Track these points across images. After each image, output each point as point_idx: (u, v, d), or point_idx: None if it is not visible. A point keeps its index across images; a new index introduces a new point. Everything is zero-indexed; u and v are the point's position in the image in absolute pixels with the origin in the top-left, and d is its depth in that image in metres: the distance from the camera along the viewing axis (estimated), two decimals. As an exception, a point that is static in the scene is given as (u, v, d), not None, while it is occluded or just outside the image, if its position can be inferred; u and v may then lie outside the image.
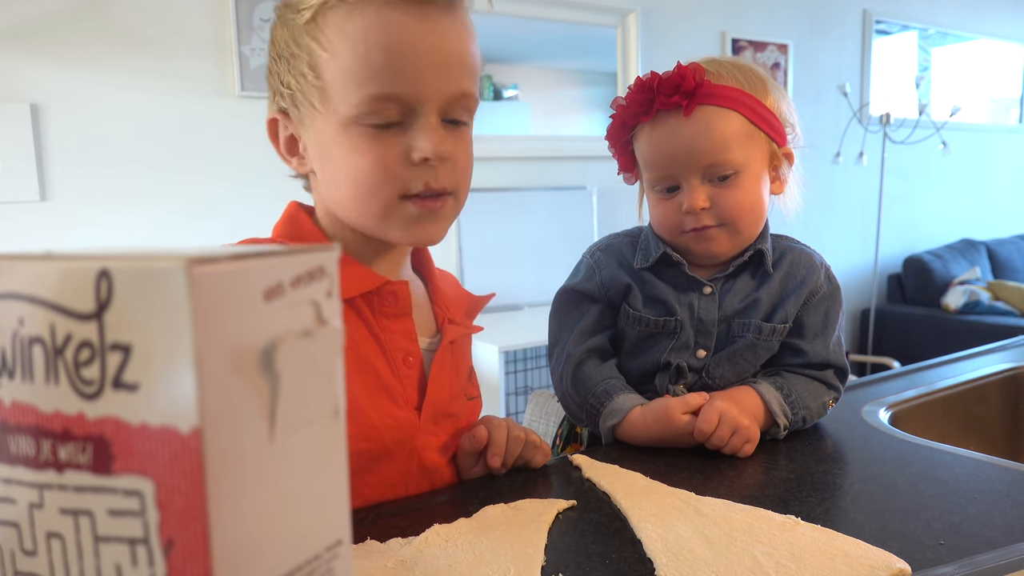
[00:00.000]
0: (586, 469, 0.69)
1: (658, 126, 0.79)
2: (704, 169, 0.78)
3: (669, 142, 0.79)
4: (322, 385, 0.30)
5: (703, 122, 0.77)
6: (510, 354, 2.25)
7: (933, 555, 0.52)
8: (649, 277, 0.84)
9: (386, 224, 0.62)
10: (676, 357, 0.82)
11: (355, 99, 0.58)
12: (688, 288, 0.83)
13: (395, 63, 0.58)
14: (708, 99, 0.77)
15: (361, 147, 0.60)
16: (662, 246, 0.83)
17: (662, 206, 0.82)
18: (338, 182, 0.62)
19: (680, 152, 0.78)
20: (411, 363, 0.67)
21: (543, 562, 0.52)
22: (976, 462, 0.70)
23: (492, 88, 2.64)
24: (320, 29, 0.59)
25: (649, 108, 0.79)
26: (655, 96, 0.78)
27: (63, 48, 1.91)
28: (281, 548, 0.28)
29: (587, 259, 0.89)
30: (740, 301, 0.83)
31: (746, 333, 0.82)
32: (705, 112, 0.77)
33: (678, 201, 0.80)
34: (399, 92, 0.58)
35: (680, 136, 0.78)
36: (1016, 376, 1.08)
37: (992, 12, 4.16)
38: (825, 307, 0.84)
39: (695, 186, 0.79)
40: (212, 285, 0.24)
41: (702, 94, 0.77)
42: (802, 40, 3.35)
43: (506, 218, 2.62)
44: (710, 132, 0.77)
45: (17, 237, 1.90)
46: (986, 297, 3.43)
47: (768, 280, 0.83)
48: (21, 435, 0.27)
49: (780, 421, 0.78)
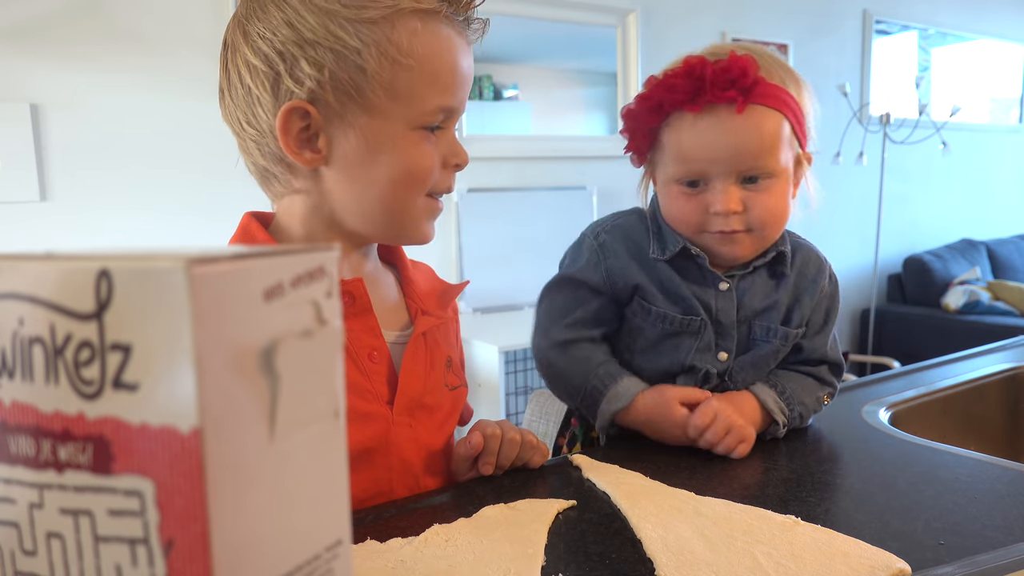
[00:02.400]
0: (586, 469, 0.69)
1: (705, 118, 0.74)
2: (743, 171, 0.75)
3: (715, 138, 0.74)
4: (322, 385, 0.30)
5: (754, 122, 0.73)
6: (510, 354, 2.25)
7: (933, 555, 0.52)
8: (664, 268, 0.79)
9: (404, 223, 0.66)
10: (700, 360, 0.79)
11: (429, 107, 0.63)
12: (704, 283, 0.79)
13: (458, 80, 0.64)
14: (761, 98, 0.73)
15: (416, 147, 0.64)
16: (681, 239, 0.79)
17: (683, 201, 0.77)
18: (377, 179, 0.63)
19: (725, 150, 0.74)
20: (376, 358, 0.67)
21: (543, 562, 0.52)
22: (976, 462, 0.70)
23: (492, 88, 2.64)
24: (394, 31, 0.60)
25: (697, 98, 0.73)
26: (706, 87, 0.72)
27: (63, 48, 1.91)
28: (281, 548, 0.28)
29: (590, 240, 0.82)
30: (760, 302, 0.80)
31: (772, 339, 0.80)
32: (756, 112, 0.73)
33: (704, 200, 0.76)
34: (452, 105, 0.64)
35: (729, 134, 0.73)
36: (1016, 376, 1.08)
37: (992, 12, 4.16)
38: (827, 305, 0.84)
39: (729, 187, 0.75)
40: (212, 285, 0.24)
41: (757, 92, 0.73)
42: (802, 40, 3.35)
43: (506, 218, 2.62)
44: (760, 133, 0.73)
45: (17, 237, 1.90)
46: (986, 297, 3.43)
47: (785, 281, 0.81)
48: (21, 435, 0.27)
49: (778, 419, 0.78)
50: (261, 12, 0.61)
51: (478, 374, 2.26)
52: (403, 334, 0.70)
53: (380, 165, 0.63)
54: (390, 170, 0.63)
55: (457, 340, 0.80)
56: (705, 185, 0.76)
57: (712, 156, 0.74)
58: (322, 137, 0.62)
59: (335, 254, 0.30)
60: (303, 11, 0.59)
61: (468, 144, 0.75)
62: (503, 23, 2.59)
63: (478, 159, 2.64)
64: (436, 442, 0.71)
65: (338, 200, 0.65)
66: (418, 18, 0.61)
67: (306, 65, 0.59)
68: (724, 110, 0.73)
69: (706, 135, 0.74)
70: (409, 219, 0.66)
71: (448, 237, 2.51)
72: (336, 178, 0.64)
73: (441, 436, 0.72)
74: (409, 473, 0.68)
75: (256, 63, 0.60)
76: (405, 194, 0.64)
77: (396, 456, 0.67)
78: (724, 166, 0.74)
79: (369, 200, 0.64)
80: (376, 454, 0.65)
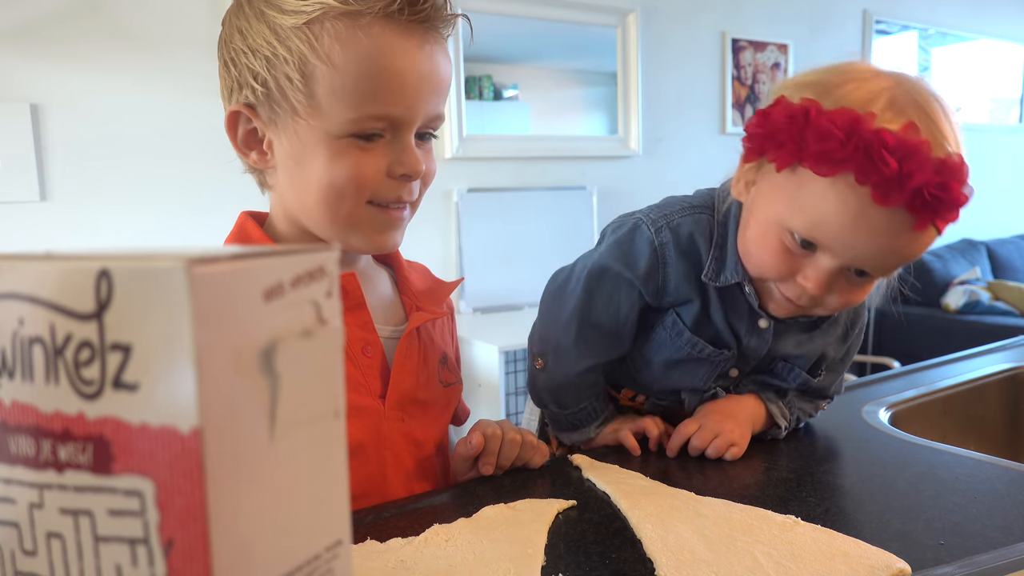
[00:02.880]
0: (586, 469, 0.69)
1: (878, 208, 0.59)
2: (867, 269, 0.65)
3: (876, 240, 0.61)
4: (322, 385, 0.30)
5: (924, 238, 0.62)
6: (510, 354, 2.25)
7: (933, 555, 0.52)
8: (712, 291, 0.72)
9: (349, 230, 0.64)
10: (714, 384, 0.78)
11: (352, 115, 0.59)
12: (742, 317, 0.73)
13: (394, 85, 0.59)
14: (944, 221, 0.61)
15: (343, 157, 0.61)
16: (741, 274, 0.70)
17: (781, 258, 0.65)
18: (308, 186, 0.62)
19: (876, 251, 0.62)
20: (370, 352, 0.67)
21: (543, 562, 0.52)
22: (976, 462, 0.70)
23: (492, 88, 2.64)
24: (316, 37, 0.58)
25: (890, 193, 0.58)
26: (907, 194, 0.58)
27: (63, 48, 1.91)
28: (281, 548, 0.28)
29: (649, 234, 0.72)
30: (792, 348, 0.76)
31: (790, 381, 0.77)
32: (930, 229, 0.61)
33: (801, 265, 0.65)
34: (393, 113, 0.60)
35: (894, 239, 0.61)
36: (1016, 376, 1.08)
37: (992, 12, 4.16)
38: (850, 343, 0.80)
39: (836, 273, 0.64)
40: (212, 285, 0.24)
41: (948, 217, 0.60)
42: (802, 40, 3.35)
43: (506, 218, 2.62)
44: (920, 247, 0.63)
45: (17, 237, 1.90)
46: (986, 297, 3.43)
47: (822, 330, 0.76)
48: (21, 435, 0.27)
49: (780, 422, 0.78)
50: (227, 21, 0.64)
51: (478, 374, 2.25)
52: (397, 329, 0.71)
53: (308, 172, 0.62)
54: (317, 178, 0.62)
55: (453, 338, 0.80)
56: (813, 254, 0.64)
57: (859, 252, 0.62)
58: (266, 139, 0.64)
59: (335, 254, 0.30)
60: (252, 19, 0.61)
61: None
62: (503, 23, 2.59)
63: (478, 159, 2.65)
64: (429, 437, 0.71)
65: (289, 202, 0.66)
66: (344, 20, 0.58)
67: (247, 71, 0.61)
68: (904, 215, 0.59)
69: (869, 229, 0.60)
70: (354, 227, 0.63)
71: (448, 237, 2.51)
72: (282, 180, 0.65)
73: (434, 432, 0.72)
74: (401, 468, 0.68)
75: (221, 69, 0.65)
76: (337, 202, 0.62)
77: (389, 450, 0.67)
78: (854, 258, 0.63)
79: (309, 206, 0.63)
80: (368, 448, 0.66)
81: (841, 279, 0.65)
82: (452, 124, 2.45)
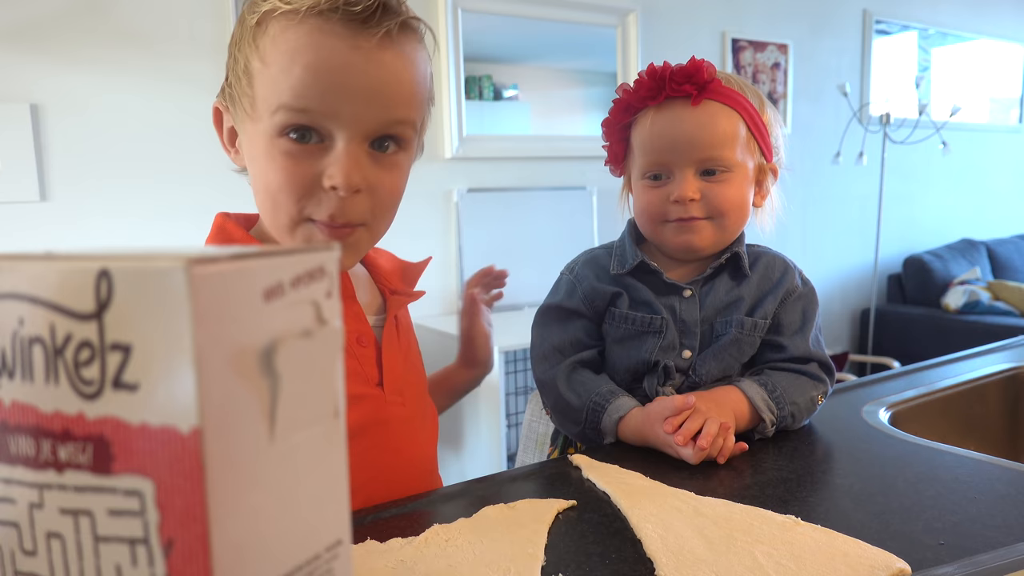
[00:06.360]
0: (586, 469, 0.69)
1: (664, 111, 0.81)
2: (700, 162, 0.80)
3: (672, 128, 0.80)
4: (322, 385, 0.30)
5: (708, 115, 0.79)
6: (510, 354, 2.25)
7: (933, 555, 0.52)
8: (631, 282, 0.85)
9: (291, 241, 0.63)
10: (663, 357, 0.83)
11: (272, 110, 0.59)
12: (668, 292, 0.85)
13: (316, 82, 0.57)
14: (716, 95, 0.79)
15: (279, 161, 0.59)
16: (639, 254, 0.85)
17: (648, 194, 0.84)
18: (256, 189, 0.63)
19: (681, 140, 0.80)
20: (365, 342, 0.69)
21: (543, 562, 0.52)
22: (976, 462, 0.70)
23: (492, 88, 2.64)
24: (260, 37, 0.59)
25: (658, 94, 0.80)
26: (666, 83, 0.79)
27: (63, 48, 1.91)
28: (281, 548, 0.28)
29: (566, 276, 0.90)
30: (722, 300, 0.85)
31: (729, 329, 0.83)
32: (711, 106, 0.80)
33: (666, 190, 0.82)
34: (311, 108, 0.58)
35: (684, 124, 0.80)
36: (1016, 376, 1.08)
37: (992, 12, 4.16)
38: (802, 306, 0.86)
39: (687, 177, 0.81)
40: (212, 285, 0.24)
41: (712, 89, 0.79)
42: (802, 40, 3.35)
43: (506, 218, 2.62)
44: (713, 126, 0.79)
45: (17, 237, 1.90)
46: (986, 297, 3.43)
47: (746, 281, 0.85)
48: (21, 435, 0.27)
49: (766, 417, 0.77)
50: None
51: (478, 374, 2.25)
52: (379, 318, 0.73)
53: (254, 174, 0.63)
54: (257, 181, 0.63)
55: None
56: (668, 178, 0.82)
57: (669, 145, 0.80)
58: (238, 139, 0.66)
59: (335, 254, 0.30)
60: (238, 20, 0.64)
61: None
62: (503, 23, 2.59)
63: (478, 159, 2.65)
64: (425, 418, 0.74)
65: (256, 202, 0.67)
66: (282, 20, 0.58)
67: (227, 70, 0.64)
68: (681, 103, 0.80)
69: (665, 125, 0.81)
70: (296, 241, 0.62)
71: (448, 237, 2.51)
72: None
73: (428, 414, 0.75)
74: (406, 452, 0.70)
75: None
76: (275, 210, 0.61)
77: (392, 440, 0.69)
78: (681, 156, 0.80)
79: (261, 208, 0.65)
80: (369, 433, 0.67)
81: (699, 182, 0.81)
82: (452, 124, 2.45)
